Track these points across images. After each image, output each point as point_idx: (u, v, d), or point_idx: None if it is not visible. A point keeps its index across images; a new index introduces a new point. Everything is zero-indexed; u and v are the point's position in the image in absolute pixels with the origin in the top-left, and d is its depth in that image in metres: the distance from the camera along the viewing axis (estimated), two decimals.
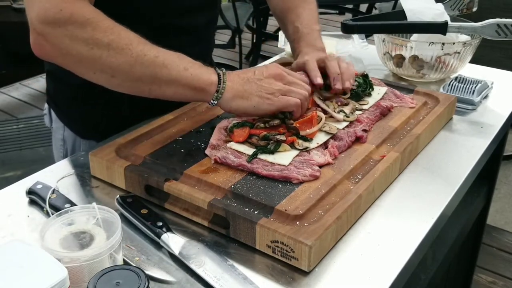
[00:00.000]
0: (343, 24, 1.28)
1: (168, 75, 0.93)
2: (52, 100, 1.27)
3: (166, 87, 0.94)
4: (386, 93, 1.19)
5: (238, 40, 3.87)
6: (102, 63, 0.91)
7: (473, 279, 1.90)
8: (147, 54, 0.92)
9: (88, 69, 0.94)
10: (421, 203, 0.93)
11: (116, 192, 0.93)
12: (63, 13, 0.88)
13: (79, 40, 0.89)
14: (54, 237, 0.71)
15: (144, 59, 0.91)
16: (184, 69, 0.94)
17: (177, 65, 0.93)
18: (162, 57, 0.93)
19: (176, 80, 0.93)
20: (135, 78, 0.93)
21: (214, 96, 0.96)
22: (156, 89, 0.94)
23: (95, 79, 0.95)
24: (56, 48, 0.91)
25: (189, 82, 0.94)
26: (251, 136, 0.97)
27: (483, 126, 1.21)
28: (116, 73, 0.92)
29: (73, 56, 0.91)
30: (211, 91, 0.95)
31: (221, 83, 0.96)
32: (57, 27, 0.89)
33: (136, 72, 0.92)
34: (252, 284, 0.74)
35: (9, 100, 3.92)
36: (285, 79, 1.00)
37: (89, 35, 0.89)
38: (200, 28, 1.24)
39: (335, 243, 0.83)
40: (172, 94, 0.96)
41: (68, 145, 1.26)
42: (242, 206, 0.83)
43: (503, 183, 2.90)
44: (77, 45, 0.90)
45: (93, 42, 0.89)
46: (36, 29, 0.90)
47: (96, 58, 0.90)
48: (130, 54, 0.91)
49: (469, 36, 1.40)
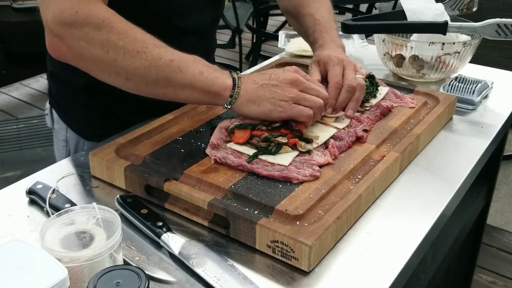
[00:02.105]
0: (343, 24, 1.28)
1: (183, 79, 0.92)
2: (54, 101, 1.27)
3: (181, 91, 0.94)
4: (387, 93, 1.19)
5: (238, 40, 3.87)
6: (117, 66, 0.91)
7: (473, 279, 1.90)
8: (163, 57, 0.91)
9: (103, 72, 0.94)
10: (421, 203, 0.93)
11: (116, 192, 0.93)
12: (78, 15, 0.88)
13: (95, 42, 0.89)
14: (54, 237, 0.71)
15: (160, 62, 0.91)
16: (199, 73, 0.93)
17: (192, 69, 0.93)
18: (177, 60, 0.92)
19: (191, 84, 0.93)
20: (150, 81, 0.93)
21: (228, 100, 0.95)
22: (171, 93, 0.94)
23: (110, 81, 0.95)
24: (72, 50, 0.91)
25: (204, 86, 0.94)
26: (252, 137, 0.97)
27: (483, 126, 1.21)
28: (131, 76, 0.92)
29: (89, 58, 0.91)
30: (226, 96, 0.95)
31: (235, 88, 0.95)
32: (73, 29, 0.89)
33: (151, 75, 0.92)
34: (252, 284, 0.74)
35: (9, 100, 3.92)
36: (301, 85, 0.97)
37: (105, 37, 0.89)
38: (205, 28, 1.24)
39: (335, 243, 0.83)
40: (187, 98, 0.96)
41: (71, 145, 1.26)
42: (242, 206, 0.83)
43: (503, 183, 2.91)
44: (92, 48, 0.90)
45: (108, 45, 0.90)
46: (52, 30, 0.90)
47: (111, 61, 0.91)
48: (145, 58, 0.90)
49: (469, 36, 1.40)
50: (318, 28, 1.21)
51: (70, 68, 0.97)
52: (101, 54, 0.90)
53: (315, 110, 0.97)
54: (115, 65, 0.91)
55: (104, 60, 0.91)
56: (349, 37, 1.66)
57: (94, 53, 0.90)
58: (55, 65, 1.20)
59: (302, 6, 1.26)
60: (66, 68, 0.99)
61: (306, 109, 0.96)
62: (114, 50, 0.90)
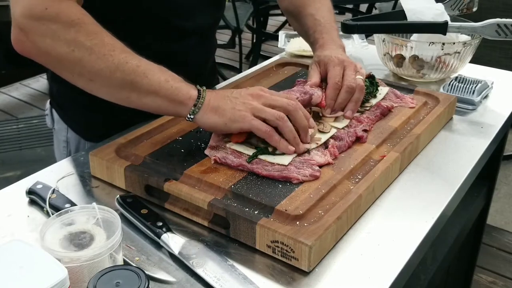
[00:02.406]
0: (343, 24, 1.28)
1: (148, 84, 0.91)
2: (55, 101, 1.27)
3: (145, 97, 0.92)
4: (387, 93, 1.19)
5: (238, 40, 3.88)
6: (81, 66, 0.90)
7: (473, 279, 1.90)
8: (129, 62, 0.90)
9: (67, 70, 0.93)
10: (421, 203, 0.93)
11: (116, 192, 0.93)
12: (48, 12, 0.88)
13: (61, 40, 0.88)
14: (54, 237, 0.71)
15: (126, 66, 0.90)
16: (165, 80, 0.92)
17: (158, 76, 0.92)
18: (144, 66, 0.91)
19: (156, 90, 0.91)
20: (114, 84, 0.91)
21: (191, 110, 0.93)
22: (135, 98, 0.93)
23: (73, 80, 0.94)
24: (36, 46, 0.90)
25: (169, 94, 0.92)
26: (251, 137, 0.97)
27: (483, 126, 1.21)
28: (95, 77, 0.91)
29: (53, 56, 0.90)
30: (189, 105, 0.93)
31: (199, 98, 0.93)
32: (40, 25, 0.88)
33: (116, 78, 0.90)
34: (252, 284, 0.74)
35: (9, 100, 3.92)
36: (263, 98, 0.95)
37: (72, 37, 0.88)
38: (205, 29, 1.24)
39: (335, 243, 0.83)
40: (149, 105, 0.94)
41: (71, 146, 1.26)
42: (242, 206, 0.83)
43: (503, 183, 2.91)
44: (57, 46, 0.89)
45: (74, 45, 0.89)
46: (18, 24, 0.89)
47: (76, 61, 0.89)
48: (111, 61, 0.89)
49: (469, 36, 1.40)
50: (319, 28, 1.21)
51: None
52: (67, 53, 0.89)
53: (278, 124, 0.93)
54: (79, 65, 0.90)
55: (69, 59, 0.90)
56: (349, 37, 1.66)
57: (59, 51, 0.89)
58: None
59: (303, 6, 1.26)
60: None
61: (263, 125, 0.92)
62: (80, 50, 0.89)
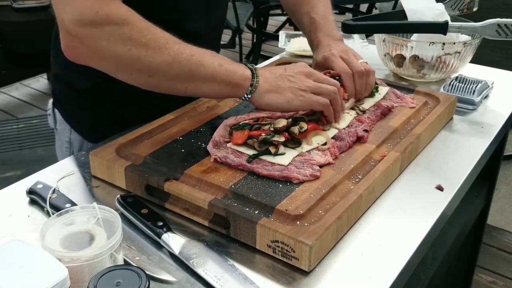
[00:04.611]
0: (343, 24, 1.28)
1: (204, 72, 0.94)
2: (58, 102, 1.27)
3: (203, 84, 0.95)
4: (387, 93, 1.19)
5: (238, 40, 3.88)
6: (140, 63, 0.91)
7: (473, 279, 1.90)
8: (184, 52, 0.92)
9: (126, 70, 0.93)
10: (421, 203, 0.93)
11: (116, 192, 0.93)
12: (99, 15, 0.88)
13: (117, 41, 0.89)
14: (54, 237, 0.71)
15: (181, 57, 0.92)
16: (219, 65, 0.95)
17: (212, 62, 0.95)
18: (197, 55, 0.94)
19: (212, 77, 0.95)
20: (172, 77, 0.93)
21: (248, 90, 0.97)
22: (193, 87, 0.95)
23: (132, 80, 0.95)
24: (93, 50, 0.90)
25: (225, 78, 0.95)
26: (250, 138, 0.97)
27: (484, 126, 1.21)
28: (154, 72, 0.92)
29: (111, 58, 0.91)
30: (246, 86, 0.97)
31: (254, 78, 0.97)
32: (93, 29, 0.88)
33: (174, 71, 0.92)
34: (252, 284, 0.74)
35: (9, 100, 3.92)
36: (315, 76, 1.02)
37: (127, 35, 0.89)
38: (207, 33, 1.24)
39: (336, 243, 0.83)
40: (207, 91, 0.97)
41: (74, 147, 1.25)
42: (243, 206, 0.83)
43: (503, 183, 2.91)
44: (114, 46, 0.89)
45: (130, 43, 0.89)
46: (70, 31, 0.89)
47: (134, 59, 0.90)
48: (167, 53, 0.91)
49: (469, 36, 1.40)
50: (313, 27, 1.24)
51: (76, 70, 0.96)
52: (124, 52, 0.90)
53: (333, 97, 1.01)
54: (138, 62, 0.91)
55: (127, 57, 0.90)
56: (349, 37, 1.66)
57: (116, 51, 0.90)
58: (60, 66, 1.20)
59: (301, 3, 1.29)
60: (71, 70, 0.98)
61: (322, 99, 1.00)
62: (137, 48, 0.89)
